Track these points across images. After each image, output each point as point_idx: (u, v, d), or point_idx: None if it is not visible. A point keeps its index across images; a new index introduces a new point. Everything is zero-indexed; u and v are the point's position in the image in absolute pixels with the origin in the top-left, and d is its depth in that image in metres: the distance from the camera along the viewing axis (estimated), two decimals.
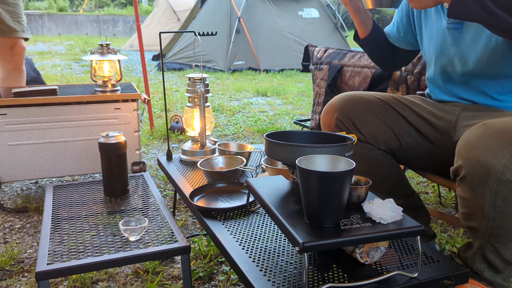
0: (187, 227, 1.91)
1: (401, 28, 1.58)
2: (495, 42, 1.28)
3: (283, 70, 7.12)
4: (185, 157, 1.84)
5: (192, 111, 1.89)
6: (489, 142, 1.08)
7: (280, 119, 4.01)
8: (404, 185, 1.53)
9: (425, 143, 1.45)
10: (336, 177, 0.92)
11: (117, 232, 1.26)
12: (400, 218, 0.97)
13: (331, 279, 0.98)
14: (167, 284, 1.48)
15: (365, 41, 1.57)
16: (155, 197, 1.50)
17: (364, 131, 1.43)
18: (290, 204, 1.05)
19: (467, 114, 1.37)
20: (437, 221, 1.96)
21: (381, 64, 1.68)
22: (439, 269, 1.01)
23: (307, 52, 2.93)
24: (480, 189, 1.09)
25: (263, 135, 1.24)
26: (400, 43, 1.61)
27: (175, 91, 5.44)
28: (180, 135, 3.40)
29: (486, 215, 1.11)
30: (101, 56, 2.41)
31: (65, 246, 1.19)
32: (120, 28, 15.03)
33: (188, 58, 7.28)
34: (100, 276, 1.53)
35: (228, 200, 1.40)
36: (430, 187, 2.37)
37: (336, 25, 8.00)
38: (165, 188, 2.38)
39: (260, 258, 1.07)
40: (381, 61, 1.67)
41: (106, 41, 2.45)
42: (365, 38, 1.56)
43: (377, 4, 1.30)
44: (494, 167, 1.06)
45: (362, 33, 1.56)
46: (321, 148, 1.09)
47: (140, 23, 3.52)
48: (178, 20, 9.41)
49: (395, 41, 1.62)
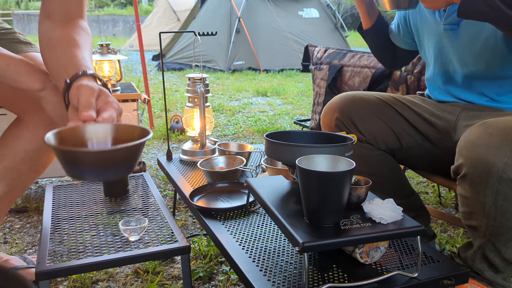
0: (187, 227, 1.91)
1: (400, 28, 1.59)
2: (494, 44, 1.27)
3: (283, 70, 7.12)
4: (185, 157, 1.84)
5: (192, 111, 1.89)
6: (490, 141, 1.08)
7: (280, 119, 4.01)
8: (404, 185, 1.53)
9: (425, 143, 1.45)
10: (336, 177, 0.92)
11: (117, 232, 1.26)
12: (400, 218, 0.97)
13: (331, 279, 0.98)
14: (167, 284, 1.48)
15: (367, 32, 1.59)
16: (155, 197, 1.50)
17: (364, 131, 1.43)
18: (290, 204, 1.05)
19: (467, 114, 1.37)
20: (437, 221, 1.96)
21: (380, 59, 1.70)
22: (439, 269, 1.01)
23: (307, 52, 2.93)
24: (481, 188, 1.09)
25: (263, 135, 1.24)
26: (399, 42, 1.62)
27: (175, 91, 5.44)
28: (180, 135, 3.39)
29: (486, 214, 1.11)
30: (101, 56, 2.41)
31: (65, 246, 1.19)
32: (120, 28, 15.04)
33: (188, 58, 7.28)
34: (100, 276, 1.53)
35: (228, 200, 1.40)
36: (430, 187, 2.37)
37: (336, 25, 8.00)
38: (165, 188, 2.38)
39: (260, 258, 1.07)
40: (381, 56, 1.68)
41: (106, 41, 2.45)
42: (368, 30, 1.58)
43: (394, 6, 1.33)
44: (495, 165, 1.06)
45: (365, 24, 1.58)
46: (321, 148, 1.09)
47: (140, 23, 3.52)
48: (178, 20, 9.42)
49: (395, 40, 1.63)
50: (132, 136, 0.83)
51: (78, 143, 0.84)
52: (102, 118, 0.87)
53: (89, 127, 0.85)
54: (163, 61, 7.36)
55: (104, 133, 0.86)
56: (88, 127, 0.85)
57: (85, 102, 0.88)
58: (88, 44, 1.10)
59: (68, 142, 0.82)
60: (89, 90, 0.90)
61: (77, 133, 0.84)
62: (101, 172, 0.78)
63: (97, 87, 0.92)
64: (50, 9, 1.11)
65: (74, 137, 0.84)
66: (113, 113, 0.89)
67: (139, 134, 0.84)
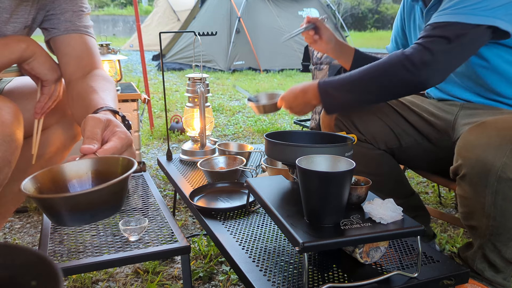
0: (187, 227, 1.91)
1: (399, 41, 1.61)
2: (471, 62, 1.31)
3: (283, 70, 7.12)
4: (185, 157, 1.84)
5: (192, 111, 1.89)
6: (489, 141, 1.08)
7: (280, 119, 4.01)
8: (404, 185, 1.53)
9: (425, 142, 1.45)
10: (336, 177, 0.92)
11: (117, 232, 1.26)
12: (400, 218, 0.97)
13: (331, 279, 0.98)
14: (167, 284, 1.48)
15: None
16: (155, 197, 1.50)
17: (363, 131, 1.43)
18: (290, 204, 1.05)
19: (465, 113, 1.37)
20: (437, 221, 1.96)
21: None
22: (439, 269, 1.01)
23: (307, 52, 2.93)
24: (480, 188, 1.09)
25: (263, 135, 1.24)
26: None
27: (175, 91, 5.44)
28: (180, 135, 3.39)
29: (486, 214, 1.11)
30: (101, 56, 2.41)
31: (65, 246, 1.19)
32: (120, 28, 15.04)
33: (188, 58, 7.28)
34: (100, 276, 1.53)
35: (228, 200, 1.40)
36: (430, 187, 2.37)
37: (336, 25, 8.01)
38: (165, 188, 2.38)
39: (260, 258, 1.07)
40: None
41: (106, 41, 2.45)
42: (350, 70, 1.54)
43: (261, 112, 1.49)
44: (494, 165, 1.06)
45: (345, 66, 1.58)
46: (321, 148, 1.09)
47: (140, 23, 3.52)
48: (178, 20, 9.42)
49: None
50: (115, 170, 0.76)
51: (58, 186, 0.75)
52: (104, 150, 0.81)
53: (67, 165, 0.77)
54: (163, 61, 7.36)
55: (86, 171, 0.77)
56: (67, 166, 0.76)
57: (88, 133, 0.84)
58: (107, 86, 1.11)
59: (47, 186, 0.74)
60: (95, 121, 0.86)
61: (56, 174, 0.76)
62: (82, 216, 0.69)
63: (105, 118, 0.87)
64: (69, 73, 1.17)
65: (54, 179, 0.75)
66: (117, 143, 0.84)
67: (122, 167, 0.76)
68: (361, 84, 1.27)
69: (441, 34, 1.18)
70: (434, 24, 1.21)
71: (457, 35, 1.16)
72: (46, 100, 1.15)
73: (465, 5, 1.16)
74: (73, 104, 1.14)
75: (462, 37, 1.16)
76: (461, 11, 1.17)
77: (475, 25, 1.15)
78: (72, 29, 1.19)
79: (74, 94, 1.13)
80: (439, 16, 1.21)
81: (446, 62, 1.19)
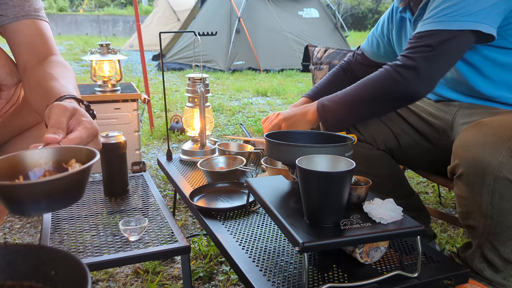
0: (187, 227, 1.91)
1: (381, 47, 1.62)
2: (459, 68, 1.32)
3: (283, 70, 7.12)
4: (185, 157, 1.84)
5: (192, 111, 1.89)
6: (485, 140, 1.08)
7: None
8: (404, 185, 1.53)
9: (424, 142, 1.45)
10: (336, 177, 0.92)
11: (117, 232, 1.26)
12: (400, 218, 0.97)
13: (331, 279, 0.98)
14: (167, 284, 1.48)
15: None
16: (155, 197, 1.50)
17: (363, 131, 1.43)
18: (290, 204, 1.05)
19: (463, 112, 1.37)
20: (437, 221, 1.96)
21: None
22: (439, 269, 1.01)
23: (307, 52, 2.93)
24: (477, 187, 1.09)
25: (263, 135, 1.24)
26: (383, 59, 1.65)
27: (175, 91, 5.44)
28: (180, 135, 3.40)
29: (483, 213, 1.11)
30: (101, 56, 2.41)
31: (65, 246, 1.19)
32: (120, 28, 15.03)
33: (188, 58, 7.28)
34: (100, 276, 1.53)
35: (228, 200, 1.40)
36: (430, 187, 2.37)
37: (336, 25, 8.00)
38: (165, 188, 2.38)
39: (260, 258, 1.07)
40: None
41: (106, 41, 2.45)
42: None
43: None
44: (491, 165, 1.06)
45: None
46: (321, 148, 1.09)
47: (140, 23, 3.52)
48: (178, 20, 9.42)
49: (378, 59, 1.66)
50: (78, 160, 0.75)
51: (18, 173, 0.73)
52: (68, 140, 0.78)
53: (29, 153, 0.75)
54: (163, 61, 7.36)
55: (47, 160, 0.75)
56: (29, 154, 0.75)
57: (53, 122, 0.81)
58: (66, 74, 1.07)
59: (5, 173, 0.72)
60: (61, 109, 0.82)
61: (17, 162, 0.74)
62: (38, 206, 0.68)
63: (71, 106, 0.84)
64: (23, 61, 1.12)
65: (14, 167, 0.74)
66: (83, 133, 0.81)
67: (85, 158, 0.74)
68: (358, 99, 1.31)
69: (425, 43, 1.21)
70: (418, 34, 1.24)
71: (440, 42, 1.19)
72: (3, 105, 1.10)
73: (446, 13, 1.19)
74: (31, 92, 1.07)
75: (445, 44, 1.19)
76: (443, 19, 1.20)
77: (458, 31, 1.18)
78: (22, 15, 1.13)
79: (32, 82, 1.08)
80: (423, 26, 1.24)
81: (431, 70, 1.21)
